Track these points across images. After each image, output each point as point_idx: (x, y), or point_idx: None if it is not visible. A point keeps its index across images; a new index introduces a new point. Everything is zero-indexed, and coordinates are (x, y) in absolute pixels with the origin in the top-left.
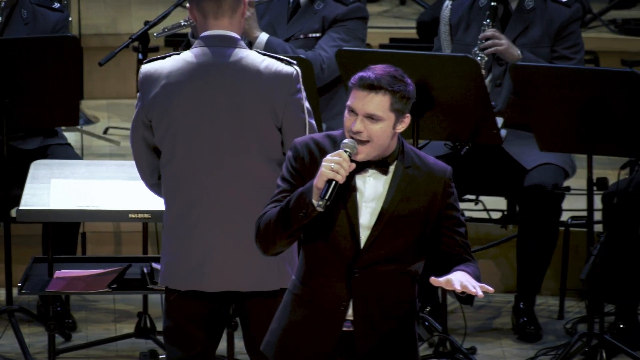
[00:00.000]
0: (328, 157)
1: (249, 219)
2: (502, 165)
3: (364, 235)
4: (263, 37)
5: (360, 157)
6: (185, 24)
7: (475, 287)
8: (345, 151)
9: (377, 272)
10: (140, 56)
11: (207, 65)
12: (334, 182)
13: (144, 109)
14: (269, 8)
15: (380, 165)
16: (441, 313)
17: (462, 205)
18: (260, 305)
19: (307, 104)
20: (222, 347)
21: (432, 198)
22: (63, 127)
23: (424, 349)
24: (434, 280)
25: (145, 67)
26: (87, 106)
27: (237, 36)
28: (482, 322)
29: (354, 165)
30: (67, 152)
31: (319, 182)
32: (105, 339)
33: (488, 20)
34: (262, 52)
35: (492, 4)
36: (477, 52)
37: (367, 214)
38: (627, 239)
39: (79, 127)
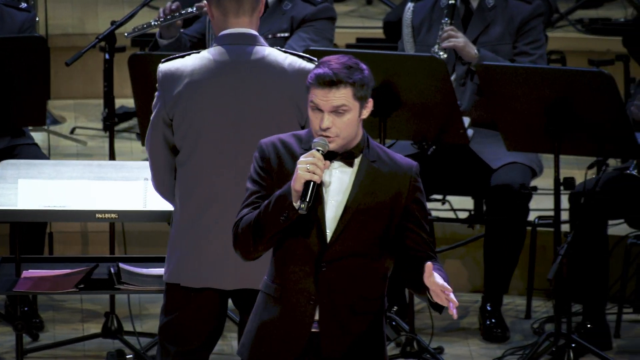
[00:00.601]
0: (302, 158)
1: None
2: (469, 164)
3: (330, 228)
4: None
5: (331, 147)
6: (156, 23)
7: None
8: (318, 150)
9: (344, 266)
10: (107, 56)
11: (231, 63)
12: (312, 183)
13: (165, 107)
14: None
15: (346, 157)
16: (408, 313)
17: (429, 205)
18: None
19: None
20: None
21: (397, 193)
22: (30, 127)
23: (391, 349)
24: (432, 282)
25: (166, 66)
26: (53, 106)
27: (257, 34)
28: (449, 322)
29: (328, 164)
30: (34, 152)
31: (296, 184)
32: (73, 339)
33: (446, 19)
34: (283, 49)
35: (450, 2)
36: (437, 50)
37: (333, 208)
38: (594, 238)
39: (46, 127)
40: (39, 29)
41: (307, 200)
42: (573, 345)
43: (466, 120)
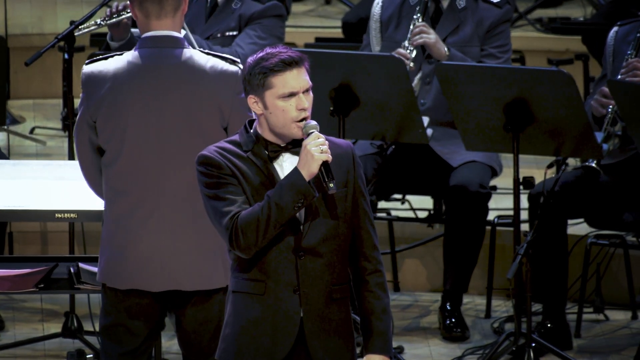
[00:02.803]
0: (309, 142)
1: (194, 219)
2: (428, 163)
3: (300, 217)
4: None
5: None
6: (102, 23)
7: None
8: (314, 132)
9: (319, 252)
10: (66, 56)
11: (153, 66)
12: (327, 163)
13: (88, 110)
14: (188, 8)
15: (296, 144)
16: None
17: (388, 205)
18: (202, 304)
19: None
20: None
21: (347, 171)
22: None
23: None
24: None
25: (89, 68)
26: (13, 106)
27: (180, 36)
28: (409, 322)
29: (327, 143)
30: None
31: (312, 167)
32: (33, 339)
33: (418, 15)
34: (206, 51)
35: None
36: (407, 45)
37: None
38: (553, 238)
39: (5, 126)
40: None
41: (334, 179)
42: (533, 344)
43: (425, 120)
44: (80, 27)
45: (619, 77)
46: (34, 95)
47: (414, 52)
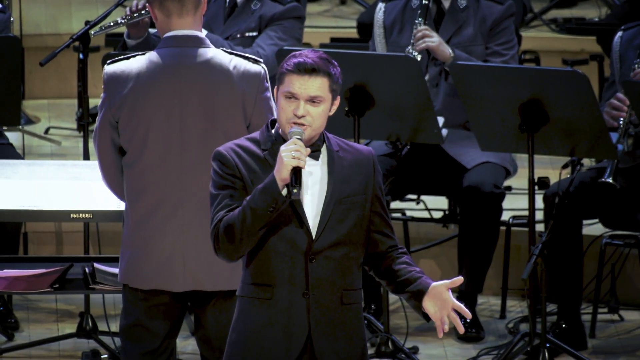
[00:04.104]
0: (284, 147)
1: None
2: (443, 164)
3: (312, 220)
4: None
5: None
6: (122, 21)
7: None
8: (298, 138)
9: (330, 257)
10: (81, 56)
11: (176, 66)
12: (299, 169)
13: (111, 110)
14: (207, 8)
15: (313, 149)
16: (383, 312)
17: (403, 205)
18: (222, 304)
19: (273, 103)
20: None
21: (366, 178)
22: (4, 127)
23: None
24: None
25: (111, 68)
26: (27, 106)
27: (202, 35)
28: (424, 322)
29: (309, 150)
30: (8, 152)
31: (283, 173)
32: (48, 339)
33: (420, 19)
34: (229, 50)
35: (424, 2)
36: (411, 51)
37: (312, 200)
38: (568, 238)
39: (20, 127)
40: (13, 29)
41: (299, 185)
42: (548, 345)
43: (440, 120)
44: (99, 25)
45: None
46: (49, 96)
47: (419, 57)
